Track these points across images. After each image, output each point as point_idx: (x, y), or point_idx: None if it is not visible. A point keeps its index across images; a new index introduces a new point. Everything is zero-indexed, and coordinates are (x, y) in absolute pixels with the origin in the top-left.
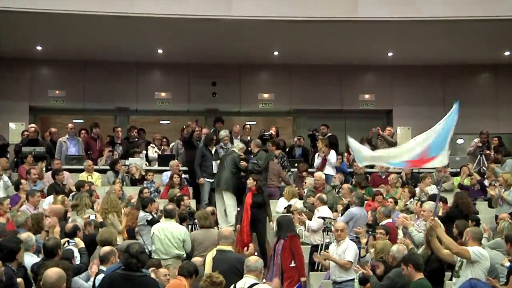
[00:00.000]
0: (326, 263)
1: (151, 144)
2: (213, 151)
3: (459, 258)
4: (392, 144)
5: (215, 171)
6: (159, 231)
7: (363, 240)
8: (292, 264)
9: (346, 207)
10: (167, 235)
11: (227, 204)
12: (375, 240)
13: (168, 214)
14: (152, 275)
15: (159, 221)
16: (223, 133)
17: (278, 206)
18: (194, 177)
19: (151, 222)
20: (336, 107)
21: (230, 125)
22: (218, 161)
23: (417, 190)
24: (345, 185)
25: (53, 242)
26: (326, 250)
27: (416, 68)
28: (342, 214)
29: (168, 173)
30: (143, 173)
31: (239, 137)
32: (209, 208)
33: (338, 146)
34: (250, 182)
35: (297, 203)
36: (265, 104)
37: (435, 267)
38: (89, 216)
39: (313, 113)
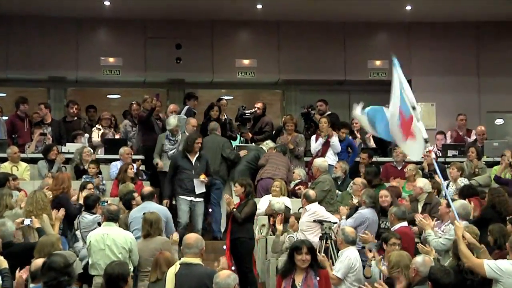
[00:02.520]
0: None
1: (97, 125)
2: (193, 160)
3: None
4: None
5: (198, 191)
6: (97, 239)
7: (370, 254)
8: None
9: (355, 209)
10: (108, 244)
11: None
12: (384, 252)
13: (111, 217)
14: None
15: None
16: (175, 121)
17: (259, 207)
18: (152, 168)
19: None
20: (338, 77)
21: (199, 101)
22: (202, 177)
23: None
24: (358, 180)
25: None
26: (323, 255)
27: (442, 25)
28: (347, 217)
29: (118, 163)
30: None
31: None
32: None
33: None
34: (238, 189)
35: (276, 203)
36: (245, 73)
37: (457, 281)
38: (23, 220)
39: (308, 85)
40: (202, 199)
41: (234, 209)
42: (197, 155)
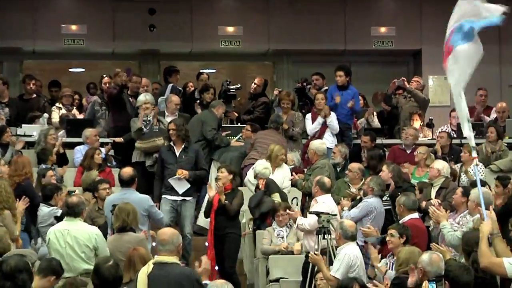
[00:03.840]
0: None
1: (57, 104)
2: (178, 152)
3: None
4: (424, 101)
5: (181, 190)
6: (56, 236)
7: (374, 252)
8: None
9: (360, 200)
10: (69, 241)
11: None
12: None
13: (71, 211)
14: None
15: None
16: (142, 97)
17: (248, 180)
18: (124, 154)
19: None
20: (337, 47)
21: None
22: (178, 173)
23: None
24: (355, 165)
25: None
26: (316, 253)
27: None
28: (351, 208)
29: (82, 148)
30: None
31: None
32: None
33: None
34: (225, 175)
35: (259, 165)
36: (230, 42)
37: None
38: None
39: (302, 55)
40: (190, 198)
41: (226, 201)
42: (183, 146)
